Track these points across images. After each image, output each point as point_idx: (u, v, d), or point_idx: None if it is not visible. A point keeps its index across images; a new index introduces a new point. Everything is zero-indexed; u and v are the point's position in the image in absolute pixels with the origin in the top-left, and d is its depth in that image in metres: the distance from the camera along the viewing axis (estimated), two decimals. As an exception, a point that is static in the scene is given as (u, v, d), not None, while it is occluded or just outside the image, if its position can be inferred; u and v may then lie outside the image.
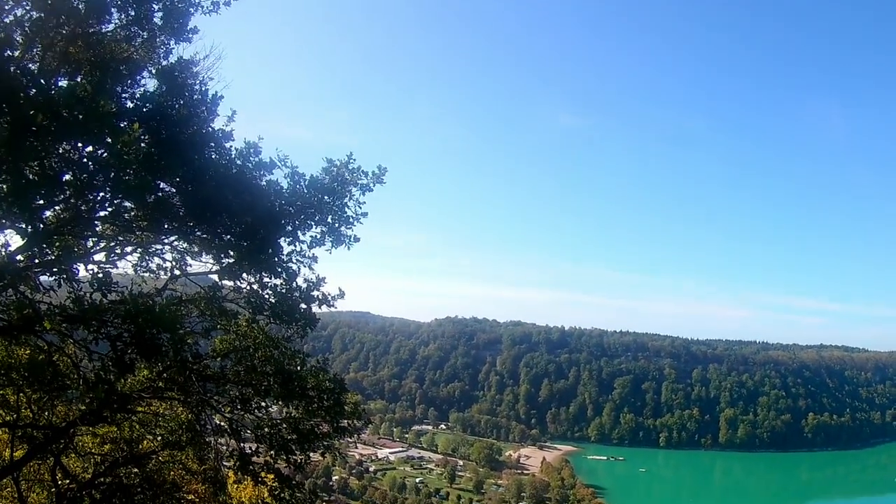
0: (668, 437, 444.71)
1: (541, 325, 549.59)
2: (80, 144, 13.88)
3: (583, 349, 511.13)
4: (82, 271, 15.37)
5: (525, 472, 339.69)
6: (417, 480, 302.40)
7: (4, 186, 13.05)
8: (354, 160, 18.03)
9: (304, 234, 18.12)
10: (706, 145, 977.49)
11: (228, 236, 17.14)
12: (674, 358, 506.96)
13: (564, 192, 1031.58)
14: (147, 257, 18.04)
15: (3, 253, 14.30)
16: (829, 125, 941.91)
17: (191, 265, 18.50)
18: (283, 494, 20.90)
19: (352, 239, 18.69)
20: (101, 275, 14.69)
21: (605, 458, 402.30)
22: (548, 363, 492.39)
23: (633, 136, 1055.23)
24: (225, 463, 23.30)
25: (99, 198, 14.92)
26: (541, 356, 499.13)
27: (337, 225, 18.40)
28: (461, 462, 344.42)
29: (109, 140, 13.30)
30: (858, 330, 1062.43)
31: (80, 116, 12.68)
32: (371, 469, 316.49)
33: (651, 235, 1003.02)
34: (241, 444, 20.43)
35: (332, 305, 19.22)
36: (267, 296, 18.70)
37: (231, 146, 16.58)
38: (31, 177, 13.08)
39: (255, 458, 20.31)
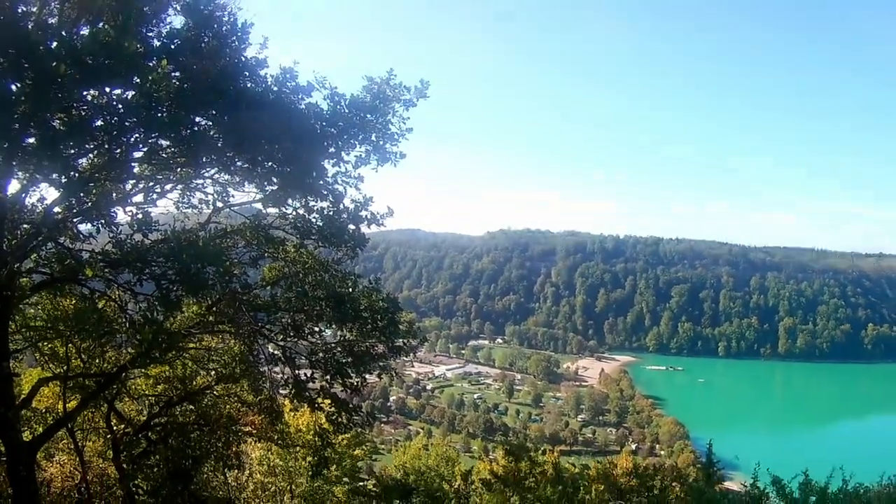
0: (727, 347, 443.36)
1: (595, 234, 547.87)
2: (108, 89, 13.72)
3: (639, 258, 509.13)
4: (121, 215, 15.38)
5: (583, 384, 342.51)
6: (475, 396, 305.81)
7: (34, 140, 13.00)
8: (396, 76, 17.82)
9: (347, 155, 18.15)
10: (757, 45, 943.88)
11: (270, 163, 17.06)
12: (731, 266, 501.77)
13: (614, 100, 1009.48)
14: (188, 193, 18.09)
15: (41, 207, 14.34)
16: (881, 27, 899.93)
17: (233, 196, 18.56)
18: (339, 419, 21.15)
19: (398, 156, 18.67)
20: (140, 216, 14.66)
21: (663, 368, 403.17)
22: (603, 273, 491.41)
23: (679, 43, 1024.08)
24: (280, 391, 23.52)
25: (133, 140, 14.79)
26: (596, 266, 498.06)
27: (381, 142, 18.33)
28: (519, 376, 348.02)
29: (138, 80, 13.13)
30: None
31: (105, 61, 12.52)
32: (428, 387, 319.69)
33: (704, 139, 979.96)
34: (296, 372, 20.63)
35: (382, 224, 19.28)
36: (314, 219, 18.68)
37: (266, 73, 16.39)
38: (59, 127, 12.99)
39: (310, 385, 20.52)
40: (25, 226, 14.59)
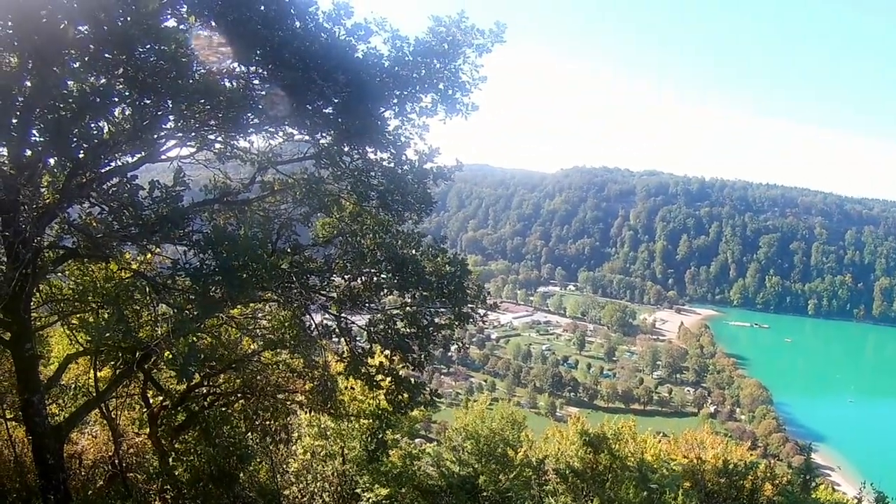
0: (818, 305, 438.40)
1: (678, 174, 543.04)
2: (123, 57, 12.40)
3: (725, 202, 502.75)
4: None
5: (661, 338, 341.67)
6: (544, 347, 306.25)
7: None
8: (468, 18, 16.67)
9: (412, 110, 17.00)
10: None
11: (321, 120, 15.94)
12: (825, 216, 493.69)
13: (701, 32, 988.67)
14: (230, 148, 17.06)
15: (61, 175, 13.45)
16: None
17: (281, 154, 17.58)
18: (400, 398, 20.43)
19: (469, 108, 17.64)
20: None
21: (747, 324, 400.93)
22: (686, 217, 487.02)
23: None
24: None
25: (160, 108, 13.58)
26: (678, 209, 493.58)
27: (451, 92, 17.31)
28: (591, 327, 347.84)
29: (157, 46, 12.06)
30: None
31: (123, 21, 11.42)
32: (493, 336, 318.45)
33: (799, 77, 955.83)
34: (353, 343, 19.83)
35: (449, 179, 18.35)
36: (373, 175, 17.69)
37: (316, 10, 15.20)
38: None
39: (368, 360, 19.77)
40: (44, 192, 13.59)
